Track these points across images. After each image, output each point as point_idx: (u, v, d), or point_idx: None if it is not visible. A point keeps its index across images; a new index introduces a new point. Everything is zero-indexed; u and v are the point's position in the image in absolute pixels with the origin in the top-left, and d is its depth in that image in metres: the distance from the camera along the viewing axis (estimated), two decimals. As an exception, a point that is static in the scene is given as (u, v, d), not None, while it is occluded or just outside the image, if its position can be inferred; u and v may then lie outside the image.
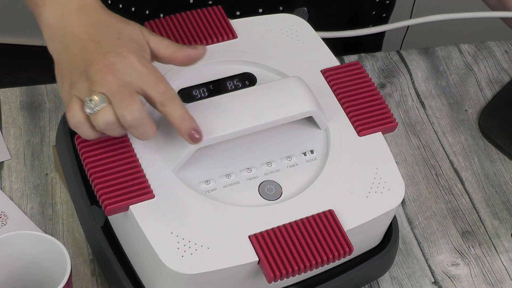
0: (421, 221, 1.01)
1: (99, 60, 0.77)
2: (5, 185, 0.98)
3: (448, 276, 0.96)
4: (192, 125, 0.78)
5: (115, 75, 0.76)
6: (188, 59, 0.81)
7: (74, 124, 0.78)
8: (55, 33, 0.80)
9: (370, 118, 0.88)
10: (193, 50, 0.81)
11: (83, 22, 0.80)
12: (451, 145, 1.09)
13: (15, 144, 1.02)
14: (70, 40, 0.79)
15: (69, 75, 0.78)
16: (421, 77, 1.16)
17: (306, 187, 0.83)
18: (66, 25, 0.80)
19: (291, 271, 0.78)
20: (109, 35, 0.79)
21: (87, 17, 0.80)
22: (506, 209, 1.03)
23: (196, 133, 0.78)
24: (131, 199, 0.79)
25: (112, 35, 0.79)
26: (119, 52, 0.77)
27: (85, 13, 0.80)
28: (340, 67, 0.92)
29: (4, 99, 1.07)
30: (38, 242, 0.81)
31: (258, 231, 0.79)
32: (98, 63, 0.77)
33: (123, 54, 0.77)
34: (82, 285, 0.91)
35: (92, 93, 0.76)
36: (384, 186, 0.84)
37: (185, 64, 0.82)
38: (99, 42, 0.78)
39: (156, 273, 0.79)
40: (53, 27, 0.81)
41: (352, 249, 0.80)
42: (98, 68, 0.76)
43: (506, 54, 1.21)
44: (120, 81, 0.76)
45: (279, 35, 0.94)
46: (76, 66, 0.78)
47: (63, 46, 0.79)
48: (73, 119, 0.77)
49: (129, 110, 0.75)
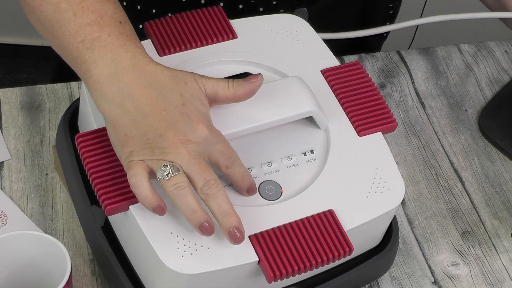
0: (421, 221, 1.01)
1: (169, 131, 0.75)
2: (5, 185, 0.98)
3: (448, 276, 0.96)
4: (251, 181, 0.81)
5: (187, 147, 0.75)
6: (250, 93, 0.81)
7: (134, 183, 0.76)
8: (109, 93, 0.77)
9: (370, 118, 0.88)
10: (251, 84, 0.81)
11: (141, 84, 0.77)
12: (451, 145, 1.09)
13: (15, 144, 1.02)
14: (130, 104, 0.76)
15: (132, 142, 0.76)
16: (421, 77, 1.16)
17: (306, 187, 0.83)
18: (122, 86, 0.77)
19: (291, 271, 0.78)
20: (173, 101, 0.77)
21: (143, 77, 0.77)
22: (506, 209, 1.03)
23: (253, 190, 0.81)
24: (131, 199, 0.79)
25: (176, 101, 0.77)
26: (187, 122, 0.76)
27: (139, 72, 0.78)
28: (340, 67, 0.92)
29: (4, 99, 1.07)
30: (38, 242, 0.81)
31: (258, 231, 0.79)
32: (169, 136, 0.75)
33: (193, 125, 0.76)
34: (82, 285, 0.91)
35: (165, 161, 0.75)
36: (384, 186, 0.84)
37: (247, 98, 0.81)
38: (165, 110, 0.76)
39: (156, 273, 0.79)
40: (106, 87, 0.77)
41: (352, 249, 0.80)
42: (170, 141, 0.75)
43: (506, 54, 1.21)
44: (192, 153, 0.76)
45: (279, 35, 0.94)
46: (141, 135, 0.76)
47: (122, 110, 0.77)
48: (134, 177, 0.75)
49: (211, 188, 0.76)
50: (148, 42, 0.89)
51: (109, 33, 0.79)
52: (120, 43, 0.79)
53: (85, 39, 0.79)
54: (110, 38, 0.79)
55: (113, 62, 0.78)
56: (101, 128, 0.82)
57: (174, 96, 0.77)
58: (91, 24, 0.79)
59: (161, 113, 0.76)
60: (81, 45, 0.79)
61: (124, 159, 0.77)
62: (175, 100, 0.77)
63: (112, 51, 0.78)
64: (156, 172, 0.76)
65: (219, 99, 0.80)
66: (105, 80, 0.78)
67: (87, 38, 0.79)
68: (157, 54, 0.89)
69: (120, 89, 0.77)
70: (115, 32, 0.79)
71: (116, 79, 0.77)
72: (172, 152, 0.75)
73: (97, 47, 0.78)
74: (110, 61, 0.78)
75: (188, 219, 0.76)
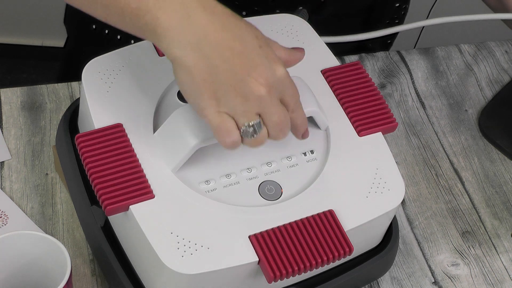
0: (421, 221, 1.01)
1: (251, 76, 0.73)
2: (6, 185, 0.98)
3: (448, 276, 0.96)
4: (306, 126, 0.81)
5: (269, 91, 0.74)
6: (298, 61, 0.81)
7: (230, 143, 0.75)
8: (184, 38, 0.73)
9: (370, 118, 0.88)
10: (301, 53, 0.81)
11: (216, 26, 0.73)
12: (451, 145, 1.09)
13: (16, 144, 1.02)
14: (207, 48, 0.73)
15: (213, 88, 0.73)
16: (421, 77, 1.16)
17: (306, 187, 0.83)
18: (197, 30, 0.73)
19: (291, 271, 0.78)
20: (250, 43, 0.74)
21: (217, 19, 0.74)
22: (506, 209, 1.03)
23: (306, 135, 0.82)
24: (131, 199, 0.79)
25: (254, 43, 0.74)
26: (267, 65, 0.74)
27: (211, 13, 0.73)
28: (340, 67, 0.92)
29: (5, 99, 1.07)
30: (38, 242, 0.81)
31: (258, 231, 0.80)
32: (251, 80, 0.73)
33: (272, 67, 0.74)
34: (82, 285, 0.91)
35: (250, 116, 0.74)
36: (384, 186, 0.84)
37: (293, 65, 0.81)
38: (243, 53, 0.73)
39: (156, 273, 0.79)
40: (180, 32, 0.73)
41: (352, 249, 0.80)
42: (252, 86, 0.73)
43: (506, 54, 1.21)
44: (273, 96, 0.75)
45: (279, 35, 0.94)
46: (223, 80, 0.73)
47: (199, 54, 0.73)
48: (229, 138, 0.74)
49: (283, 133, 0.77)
50: (148, 42, 0.89)
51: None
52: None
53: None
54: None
55: (182, 5, 0.73)
56: (101, 128, 0.83)
57: (251, 38, 0.75)
58: None
59: (240, 55, 0.73)
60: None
61: (205, 108, 0.74)
62: (252, 42, 0.74)
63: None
64: (239, 125, 0.75)
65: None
66: (177, 24, 0.73)
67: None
68: (157, 54, 0.89)
69: (195, 33, 0.73)
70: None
71: (189, 22, 0.73)
72: (255, 99, 0.74)
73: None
74: (178, 3, 0.73)
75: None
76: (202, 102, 0.74)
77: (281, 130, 0.76)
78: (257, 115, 0.75)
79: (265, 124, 0.76)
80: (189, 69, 0.73)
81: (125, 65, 0.88)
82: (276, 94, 0.75)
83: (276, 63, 0.75)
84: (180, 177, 0.82)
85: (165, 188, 0.80)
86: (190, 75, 0.74)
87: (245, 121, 0.75)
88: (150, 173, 0.81)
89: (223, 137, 0.75)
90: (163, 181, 0.81)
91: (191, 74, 0.73)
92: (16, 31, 2.32)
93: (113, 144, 0.82)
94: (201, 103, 0.74)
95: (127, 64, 0.88)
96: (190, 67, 0.73)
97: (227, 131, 0.74)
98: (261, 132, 0.75)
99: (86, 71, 0.87)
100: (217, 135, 0.75)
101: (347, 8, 1.17)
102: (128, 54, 0.89)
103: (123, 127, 0.83)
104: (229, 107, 0.74)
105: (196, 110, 0.76)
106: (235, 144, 0.75)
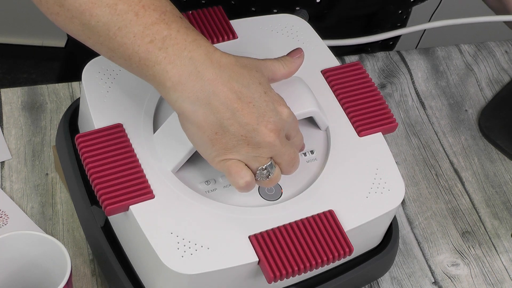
0: (421, 221, 1.01)
1: (261, 125, 0.75)
2: (6, 185, 0.98)
3: (448, 276, 0.96)
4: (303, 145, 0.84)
5: (278, 135, 0.76)
6: (299, 67, 0.82)
7: (244, 184, 0.76)
8: (193, 93, 0.74)
9: (370, 118, 0.88)
10: (299, 59, 0.82)
11: (223, 79, 0.74)
12: (451, 145, 1.09)
13: (16, 144, 1.02)
14: (216, 102, 0.74)
15: (224, 140, 0.75)
16: (421, 77, 1.16)
17: (306, 187, 0.83)
18: (205, 84, 0.74)
19: (291, 272, 0.78)
20: (256, 91, 0.75)
21: (223, 71, 0.75)
22: (506, 209, 1.03)
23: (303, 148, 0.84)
24: (131, 199, 0.79)
25: (259, 90, 0.76)
26: (273, 110, 0.76)
27: (218, 66, 0.75)
28: (340, 67, 0.92)
29: (6, 99, 1.07)
30: (38, 242, 0.81)
31: (258, 231, 0.80)
32: (262, 129, 0.75)
33: (278, 111, 0.76)
34: (82, 285, 0.91)
35: (262, 160, 0.76)
36: (384, 187, 0.84)
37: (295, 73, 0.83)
38: (251, 103, 0.75)
39: (156, 273, 0.79)
40: (189, 87, 0.74)
41: (352, 250, 0.80)
42: (263, 134, 0.75)
43: (506, 54, 1.21)
44: (282, 139, 0.77)
45: (280, 35, 0.94)
46: (233, 132, 0.75)
47: (209, 109, 0.74)
48: (242, 180, 0.76)
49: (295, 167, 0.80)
50: (148, 42, 0.89)
51: (178, 30, 0.75)
52: (191, 38, 0.75)
53: (154, 38, 0.74)
54: (180, 35, 0.75)
55: (190, 60, 0.74)
56: (101, 128, 0.83)
57: (256, 86, 0.76)
58: (157, 22, 0.74)
59: (249, 105, 0.75)
60: (151, 46, 0.74)
61: (216, 156, 0.76)
62: (257, 90, 0.76)
63: (187, 48, 0.74)
64: (253, 170, 0.77)
65: (276, 78, 0.80)
66: (186, 79, 0.74)
67: (156, 37, 0.74)
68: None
69: (204, 88, 0.74)
70: (183, 28, 0.75)
71: (198, 77, 0.74)
72: (267, 146, 0.76)
73: (171, 46, 0.74)
74: (188, 59, 0.74)
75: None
76: (213, 153, 0.76)
77: (293, 166, 0.79)
78: (269, 158, 0.77)
79: (276, 163, 0.78)
80: (199, 123, 0.75)
81: (125, 65, 0.87)
82: (284, 134, 0.77)
83: (281, 105, 0.77)
84: (180, 177, 0.82)
85: (165, 188, 0.80)
86: (201, 130, 0.75)
87: (258, 166, 0.77)
88: (150, 173, 0.81)
89: (236, 180, 0.76)
90: (163, 181, 0.81)
91: (201, 129, 0.75)
92: (16, 31, 2.32)
93: (113, 144, 0.82)
94: (212, 153, 0.76)
95: (127, 64, 0.88)
96: (200, 121, 0.75)
97: (240, 173, 0.76)
98: (275, 172, 0.78)
99: (86, 71, 0.87)
100: (230, 178, 0.76)
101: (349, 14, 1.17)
102: (128, 54, 0.88)
103: (123, 127, 0.83)
104: (240, 155, 0.76)
105: (207, 159, 0.77)
106: (249, 185, 0.77)
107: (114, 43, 0.75)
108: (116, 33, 0.75)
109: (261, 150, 0.76)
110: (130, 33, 0.74)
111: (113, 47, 0.76)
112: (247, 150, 0.75)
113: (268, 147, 0.76)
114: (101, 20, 0.75)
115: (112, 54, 0.77)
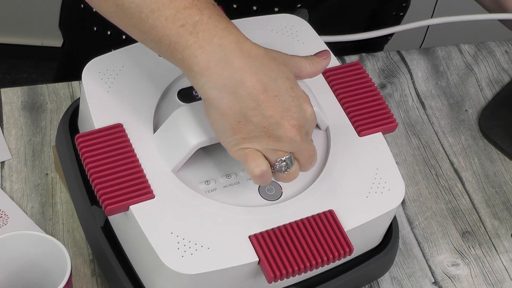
0: (421, 221, 1.01)
1: (284, 119, 0.75)
2: (6, 185, 0.98)
3: (448, 276, 0.96)
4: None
5: (300, 133, 0.76)
6: (324, 68, 0.82)
7: (260, 173, 0.76)
8: (221, 80, 0.74)
9: (370, 118, 0.88)
10: (326, 60, 0.82)
11: (252, 69, 0.74)
12: (451, 145, 1.09)
13: (16, 144, 1.02)
14: (243, 91, 0.74)
15: (246, 130, 0.75)
16: (421, 77, 1.16)
17: (306, 187, 0.83)
18: (233, 72, 0.74)
19: (291, 271, 0.78)
20: (283, 85, 0.75)
21: (252, 62, 0.75)
22: (506, 209, 1.03)
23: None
24: (131, 199, 0.79)
25: (286, 85, 0.76)
26: (298, 106, 0.76)
27: (247, 56, 0.75)
28: (340, 67, 0.92)
29: (6, 99, 1.07)
30: (38, 242, 0.81)
31: (258, 231, 0.80)
32: (284, 123, 0.75)
33: (303, 108, 0.76)
34: (82, 285, 0.91)
35: (281, 154, 0.76)
36: (384, 186, 0.84)
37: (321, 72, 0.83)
38: (277, 96, 0.75)
39: (156, 273, 0.79)
40: (217, 73, 0.74)
41: (352, 249, 0.80)
42: (285, 129, 0.75)
43: (506, 54, 1.21)
44: (303, 135, 0.77)
45: (279, 35, 0.94)
46: (256, 123, 0.75)
47: (234, 97, 0.74)
48: (258, 169, 0.76)
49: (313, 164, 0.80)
50: (148, 42, 0.89)
51: (210, 16, 0.75)
52: (223, 25, 0.75)
53: (185, 23, 0.74)
54: (212, 21, 0.74)
55: (220, 47, 0.74)
56: (101, 128, 0.83)
57: (283, 80, 0.76)
58: (189, 7, 0.74)
59: (274, 99, 0.75)
60: (182, 30, 0.74)
61: (235, 145, 0.76)
62: (284, 84, 0.76)
63: (218, 35, 0.74)
64: (271, 162, 0.77)
65: (301, 76, 0.80)
66: (214, 65, 0.74)
67: (187, 22, 0.74)
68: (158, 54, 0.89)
69: (232, 76, 0.74)
70: (214, 15, 0.75)
71: (226, 64, 0.74)
72: (288, 141, 0.76)
73: (201, 31, 0.74)
74: (217, 45, 0.74)
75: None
76: (233, 141, 0.76)
77: (311, 163, 0.79)
78: (288, 152, 0.77)
79: (296, 159, 0.78)
80: (224, 111, 0.75)
81: (125, 65, 0.88)
82: (305, 131, 0.77)
83: (306, 102, 0.77)
84: (180, 177, 0.82)
85: (165, 188, 0.80)
86: (225, 117, 0.75)
87: (276, 158, 0.77)
88: (150, 173, 0.81)
89: (252, 167, 0.76)
90: (163, 181, 0.81)
91: (225, 116, 0.75)
92: (16, 31, 2.32)
93: (113, 144, 0.82)
94: (232, 141, 0.76)
95: (127, 64, 0.88)
96: (225, 109, 0.75)
97: (256, 161, 0.76)
98: (293, 167, 0.78)
99: (86, 71, 0.87)
100: (246, 166, 0.76)
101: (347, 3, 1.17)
102: (128, 54, 0.89)
103: (123, 127, 0.83)
104: (260, 145, 0.76)
105: (226, 147, 0.77)
106: (264, 175, 0.76)
107: (146, 25, 0.76)
108: (148, 15, 0.75)
109: (281, 144, 0.76)
110: (162, 16, 0.75)
111: (145, 29, 0.76)
112: (267, 142, 0.76)
113: (289, 142, 0.76)
114: (134, 2, 0.75)
115: (144, 37, 0.77)
